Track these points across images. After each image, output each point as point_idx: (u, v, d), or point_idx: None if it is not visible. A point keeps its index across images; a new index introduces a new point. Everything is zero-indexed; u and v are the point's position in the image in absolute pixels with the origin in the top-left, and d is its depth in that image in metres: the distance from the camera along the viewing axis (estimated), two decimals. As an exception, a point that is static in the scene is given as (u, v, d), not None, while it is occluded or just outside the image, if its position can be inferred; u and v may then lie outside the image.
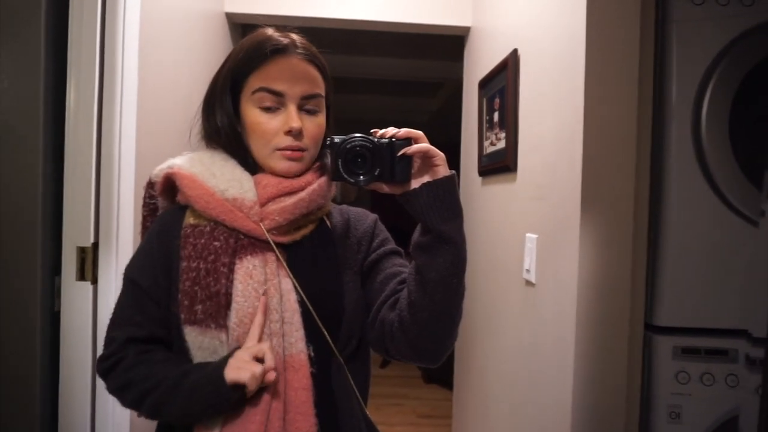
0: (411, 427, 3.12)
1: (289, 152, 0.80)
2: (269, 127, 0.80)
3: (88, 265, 1.25)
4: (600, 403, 1.08)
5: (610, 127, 1.08)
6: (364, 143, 0.73)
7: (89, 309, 1.25)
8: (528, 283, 1.39)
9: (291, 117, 0.80)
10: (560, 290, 1.18)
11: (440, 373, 3.58)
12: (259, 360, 0.73)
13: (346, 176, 0.74)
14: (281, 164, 0.81)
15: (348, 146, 0.73)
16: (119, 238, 1.30)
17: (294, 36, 0.83)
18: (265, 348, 0.73)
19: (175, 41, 1.70)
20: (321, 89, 0.84)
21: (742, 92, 1.05)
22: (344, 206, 0.93)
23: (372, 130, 0.76)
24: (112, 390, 0.80)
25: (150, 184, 0.88)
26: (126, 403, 0.79)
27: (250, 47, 0.82)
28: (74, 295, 1.24)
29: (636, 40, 1.07)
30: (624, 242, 1.08)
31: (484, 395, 1.84)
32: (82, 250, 1.24)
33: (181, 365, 0.76)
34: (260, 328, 0.75)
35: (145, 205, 0.90)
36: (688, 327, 1.07)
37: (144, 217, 0.90)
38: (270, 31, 0.83)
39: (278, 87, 0.80)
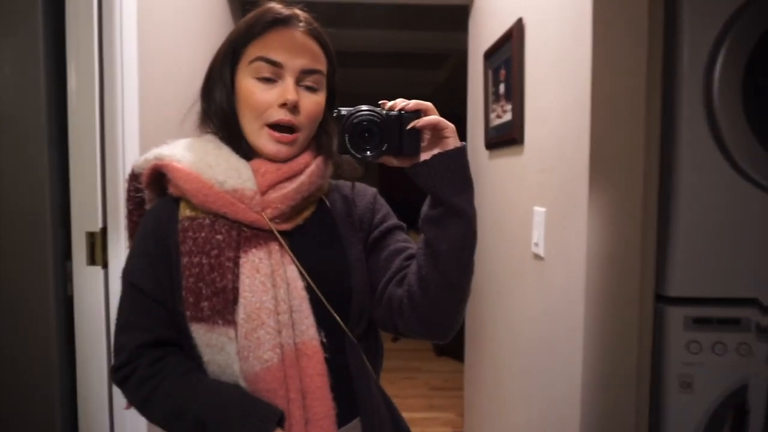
0: (424, 399, 3.17)
1: (278, 134, 0.77)
2: (263, 98, 0.76)
3: (98, 249, 1.26)
4: (610, 373, 1.08)
5: (619, 96, 1.05)
6: (371, 118, 0.71)
7: (101, 292, 1.27)
8: (537, 256, 1.38)
9: (287, 89, 0.76)
10: (569, 263, 1.17)
11: (451, 346, 3.62)
12: None
13: (353, 151, 0.72)
14: (269, 146, 0.78)
15: (355, 121, 0.71)
16: (127, 222, 1.31)
17: (298, 11, 0.80)
18: None
19: (174, 21, 1.67)
20: (322, 66, 0.81)
21: (755, 57, 1.02)
22: (341, 182, 0.90)
23: (380, 102, 0.74)
24: (135, 405, 0.77)
25: (133, 176, 0.83)
26: (152, 421, 0.77)
27: (251, 18, 0.79)
28: (86, 279, 1.26)
29: (644, 3, 1.03)
30: (633, 213, 1.06)
31: (495, 366, 1.85)
32: (91, 236, 1.26)
33: (204, 393, 0.73)
34: None
35: (130, 198, 0.85)
36: (699, 297, 1.06)
37: (130, 212, 0.85)
38: (273, 4, 0.80)
39: (277, 57, 0.76)
